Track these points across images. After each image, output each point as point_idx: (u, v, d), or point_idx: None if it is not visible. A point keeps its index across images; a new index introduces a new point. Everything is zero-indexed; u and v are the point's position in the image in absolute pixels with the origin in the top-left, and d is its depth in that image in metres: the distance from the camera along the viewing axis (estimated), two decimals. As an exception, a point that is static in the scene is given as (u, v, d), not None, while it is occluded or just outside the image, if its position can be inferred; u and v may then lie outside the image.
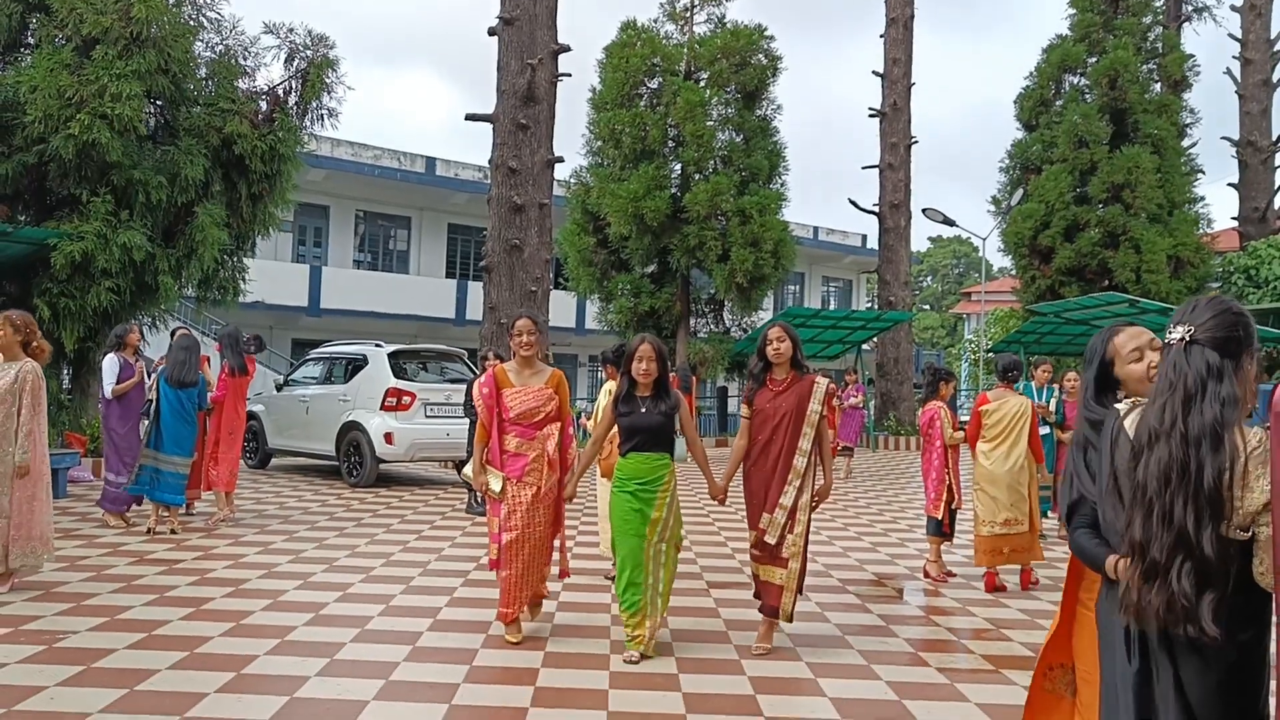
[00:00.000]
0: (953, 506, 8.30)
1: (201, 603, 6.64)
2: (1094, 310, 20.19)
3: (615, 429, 5.93)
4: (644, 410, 5.62)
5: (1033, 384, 10.85)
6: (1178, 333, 2.48)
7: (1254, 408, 2.51)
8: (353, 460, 13.69)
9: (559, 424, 5.91)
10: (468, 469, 6.01)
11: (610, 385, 8.67)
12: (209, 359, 10.22)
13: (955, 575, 8.45)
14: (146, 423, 9.64)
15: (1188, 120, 27.98)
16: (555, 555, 6.25)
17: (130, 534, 9.26)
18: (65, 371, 14.64)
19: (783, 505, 5.59)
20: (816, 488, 5.76)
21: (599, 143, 23.20)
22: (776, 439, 5.63)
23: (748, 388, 5.88)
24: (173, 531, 9.31)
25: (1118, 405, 2.66)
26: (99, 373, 11.38)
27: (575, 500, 6.38)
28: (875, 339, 27.31)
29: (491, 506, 5.87)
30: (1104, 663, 2.68)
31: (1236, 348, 2.45)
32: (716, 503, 5.77)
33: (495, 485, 5.75)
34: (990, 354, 29.49)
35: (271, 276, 24.95)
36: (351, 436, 13.67)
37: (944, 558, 8.62)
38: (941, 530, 8.32)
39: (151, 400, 9.60)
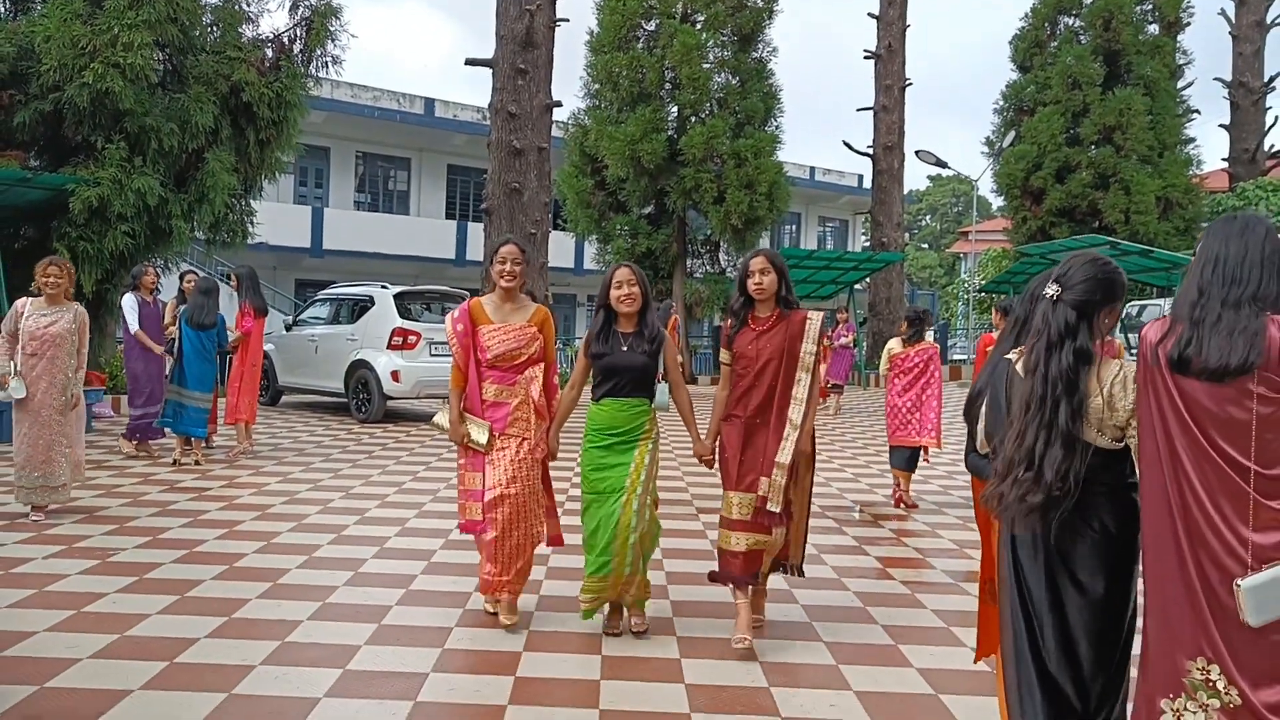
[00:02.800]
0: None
1: (233, 525, 7.28)
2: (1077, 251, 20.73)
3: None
4: (625, 348, 4.85)
5: None
6: (1051, 290, 3.06)
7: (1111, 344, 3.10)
8: (361, 397, 14.30)
9: (542, 365, 5.17)
10: (439, 417, 5.30)
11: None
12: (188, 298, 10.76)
13: (918, 507, 9.04)
14: (170, 361, 10.24)
15: (1181, 61, 28.24)
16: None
17: (157, 464, 9.88)
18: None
19: (780, 464, 4.76)
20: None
21: (596, 85, 23.51)
22: (761, 386, 4.86)
23: (727, 327, 5.09)
24: (196, 463, 9.93)
25: (1009, 355, 3.23)
26: (118, 312, 11.97)
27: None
28: (868, 279, 27.81)
29: (468, 460, 5.09)
30: (1001, 563, 3.29)
31: (1093, 309, 3.03)
32: (702, 465, 5.07)
33: (479, 436, 4.99)
34: (981, 294, 30.00)
35: (274, 218, 25.31)
36: (360, 374, 14.26)
37: (916, 488, 9.28)
38: (917, 463, 9.00)
39: (174, 339, 10.17)
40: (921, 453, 9.05)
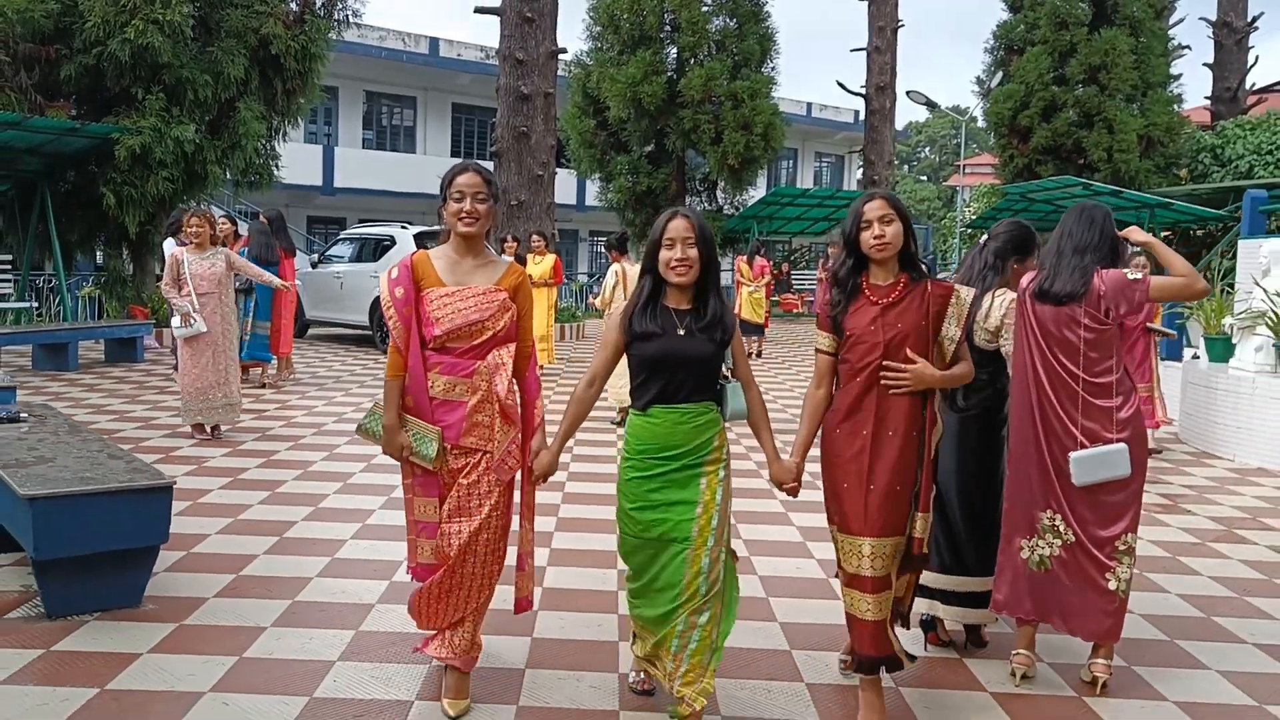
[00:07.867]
0: None
1: (297, 439, 8.52)
2: (1054, 191, 21.76)
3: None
4: (682, 332, 3.44)
5: None
6: (984, 239, 4.47)
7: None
8: (385, 330, 15.44)
9: (512, 347, 3.69)
10: (369, 421, 3.76)
11: (618, 266, 9.65)
12: (249, 240, 11.86)
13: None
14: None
15: (1169, -1, 28.87)
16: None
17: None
18: (127, 252, 16.34)
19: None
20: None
21: (598, 28, 24.33)
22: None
23: (826, 301, 3.68)
24: (263, 385, 11.27)
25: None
26: (159, 252, 13.10)
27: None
28: (860, 216, 28.78)
29: (416, 480, 3.70)
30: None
31: (1005, 257, 4.36)
32: (785, 493, 3.64)
33: (426, 448, 3.56)
34: (969, 229, 31.02)
35: (287, 157, 26.16)
36: (383, 309, 15.39)
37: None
38: None
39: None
40: None
